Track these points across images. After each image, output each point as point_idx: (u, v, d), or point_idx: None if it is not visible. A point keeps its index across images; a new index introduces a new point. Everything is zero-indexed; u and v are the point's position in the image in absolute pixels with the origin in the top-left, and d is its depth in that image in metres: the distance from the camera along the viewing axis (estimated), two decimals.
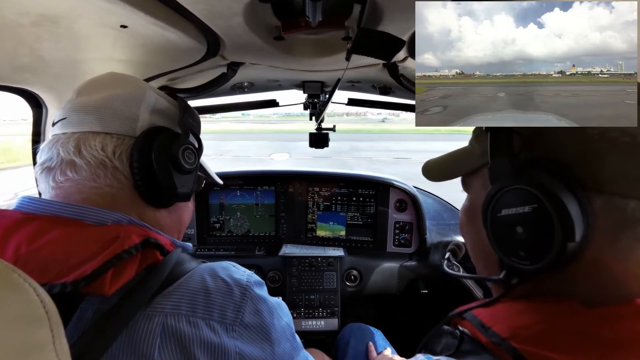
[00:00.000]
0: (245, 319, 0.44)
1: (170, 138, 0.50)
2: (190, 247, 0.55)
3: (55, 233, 0.39)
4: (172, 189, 0.50)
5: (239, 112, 1.67)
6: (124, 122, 0.48)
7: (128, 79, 0.53)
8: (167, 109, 0.53)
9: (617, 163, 0.32)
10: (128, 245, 0.40)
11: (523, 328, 0.34)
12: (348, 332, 1.23)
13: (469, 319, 0.40)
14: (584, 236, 0.32)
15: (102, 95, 0.48)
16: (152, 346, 0.37)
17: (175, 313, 0.40)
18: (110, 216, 0.44)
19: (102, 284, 0.37)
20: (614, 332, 0.31)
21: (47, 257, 0.37)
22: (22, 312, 0.25)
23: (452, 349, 0.40)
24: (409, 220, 1.54)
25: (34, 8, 0.47)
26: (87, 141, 0.46)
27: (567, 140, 0.34)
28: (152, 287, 0.41)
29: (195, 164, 0.54)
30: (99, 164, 0.46)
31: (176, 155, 0.49)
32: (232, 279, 0.46)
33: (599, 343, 0.30)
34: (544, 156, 0.35)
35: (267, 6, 0.54)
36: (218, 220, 1.62)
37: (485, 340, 0.36)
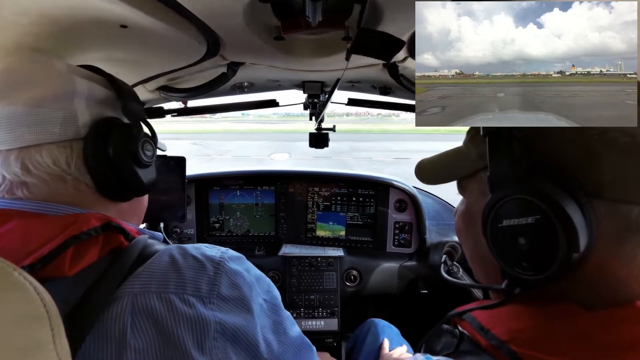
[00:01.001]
0: (222, 291, 0.42)
1: (123, 133, 0.46)
2: (161, 236, 0.53)
3: (13, 224, 0.39)
4: (138, 185, 0.49)
5: (238, 112, 1.67)
6: (64, 125, 0.42)
7: (48, 70, 0.44)
8: (104, 95, 0.48)
9: (618, 165, 0.31)
10: (87, 227, 0.39)
11: (522, 331, 0.34)
12: (367, 327, 1.23)
13: (468, 320, 0.40)
14: (588, 244, 0.31)
15: (25, 99, 0.41)
16: (124, 327, 0.36)
17: (144, 291, 0.38)
18: (67, 210, 0.43)
19: (61, 265, 0.36)
20: (615, 335, 0.30)
21: (4, 247, 0.36)
22: (23, 311, 0.25)
23: (451, 348, 0.40)
24: (408, 220, 1.54)
25: (33, 8, 0.47)
26: (32, 157, 0.41)
27: (567, 143, 0.33)
28: (120, 271, 0.40)
29: (154, 153, 0.51)
30: (57, 179, 0.43)
31: (136, 152, 0.47)
32: (204, 255, 0.44)
33: (599, 346, 0.30)
34: (544, 161, 0.34)
35: (267, 6, 0.54)
36: (218, 220, 1.62)
37: (484, 343, 0.36)
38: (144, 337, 0.36)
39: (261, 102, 1.30)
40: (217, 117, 32.86)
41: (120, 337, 0.36)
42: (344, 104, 1.36)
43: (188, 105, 1.19)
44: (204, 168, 1.71)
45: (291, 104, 1.39)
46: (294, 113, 39.61)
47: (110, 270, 0.39)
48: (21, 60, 0.44)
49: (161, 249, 0.44)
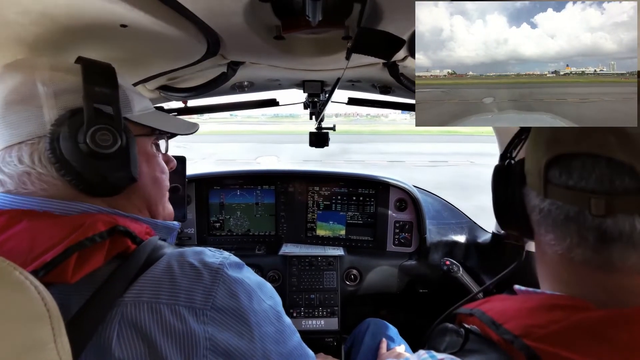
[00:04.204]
0: (218, 302, 0.41)
1: (74, 124, 0.42)
2: (178, 225, 0.51)
3: (22, 225, 0.39)
4: (103, 179, 0.44)
5: (226, 113, 1.66)
6: (30, 123, 0.42)
7: (14, 71, 0.43)
8: (68, 83, 0.44)
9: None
10: (92, 232, 0.38)
11: (538, 327, 0.34)
12: (365, 326, 1.24)
13: (477, 315, 0.40)
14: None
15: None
16: (110, 337, 0.36)
17: (135, 301, 0.38)
18: (77, 207, 0.42)
19: (64, 272, 0.35)
20: (632, 334, 0.31)
21: (12, 250, 0.36)
22: (24, 310, 0.25)
23: (456, 347, 0.40)
24: (409, 219, 1.54)
25: (33, 7, 0.47)
26: (3, 159, 0.42)
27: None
28: (124, 277, 0.39)
29: (118, 141, 0.44)
30: (23, 173, 0.43)
31: (85, 142, 0.42)
32: (201, 262, 0.43)
33: (616, 345, 0.30)
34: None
35: (267, 5, 0.54)
36: (218, 219, 1.62)
37: (496, 338, 0.36)
38: (129, 349, 0.36)
39: (261, 102, 1.30)
40: (205, 118, 32.33)
41: (107, 346, 0.36)
42: (344, 103, 1.36)
43: (188, 104, 1.20)
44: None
45: (291, 104, 1.39)
46: (283, 114, 38.78)
47: (113, 277, 0.39)
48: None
49: (165, 255, 0.43)
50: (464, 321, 0.42)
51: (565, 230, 0.35)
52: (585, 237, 0.34)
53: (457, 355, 0.38)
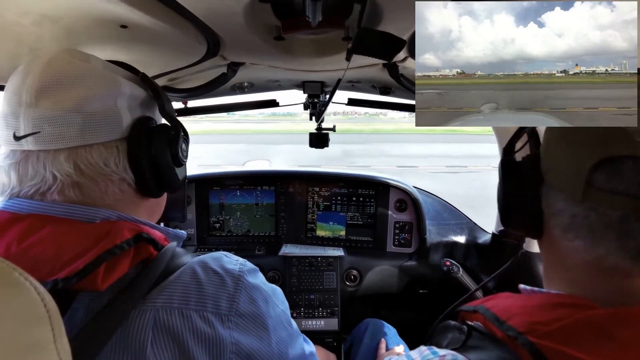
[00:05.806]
0: (241, 308, 0.43)
1: (163, 134, 0.48)
2: (184, 234, 0.55)
3: (46, 231, 0.39)
4: (175, 182, 0.51)
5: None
6: (111, 126, 0.43)
7: (94, 68, 0.44)
8: (142, 96, 0.49)
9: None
10: (120, 240, 0.39)
11: (542, 324, 0.34)
12: (364, 327, 1.24)
13: (481, 312, 0.40)
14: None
15: (73, 98, 0.40)
16: (145, 341, 0.37)
17: (167, 306, 0.40)
18: (98, 213, 0.43)
19: (95, 280, 0.36)
20: (636, 332, 0.31)
21: (37, 256, 0.37)
22: (23, 311, 0.25)
23: (458, 344, 0.40)
24: (409, 220, 1.54)
25: (34, 8, 0.47)
26: (83, 157, 0.42)
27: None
28: (147, 282, 0.40)
29: (188, 151, 0.54)
30: (106, 180, 0.44)
31: (176, 153, 0.49)
32: (223, 269, 0.45)
33: (620, 343, 0.31)
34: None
35: (267, 6, 0.54)
36: (218, 220, 1.62)
37: (500, 334, 0.36)
38: (164, 354, 0.37)
39: (261, 102, 1.30)
40: (200, 116, 32.20)
41: (141, 350, 0.37)
42: (344, 104, 1.36)
43: (188, 105, 1.20)
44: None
45: (291, 104, 1.39)
46: (280, 112, 37.89)
47: (136, 282, 0.40)
48: (63, 58, 0.42)
49: (185, 262, 0.45)
50: (466, 319, 0.42)
51: (602, 236, 0.34)
52: (625, 245, 0.32)
53: (459, 351, 0.38)
